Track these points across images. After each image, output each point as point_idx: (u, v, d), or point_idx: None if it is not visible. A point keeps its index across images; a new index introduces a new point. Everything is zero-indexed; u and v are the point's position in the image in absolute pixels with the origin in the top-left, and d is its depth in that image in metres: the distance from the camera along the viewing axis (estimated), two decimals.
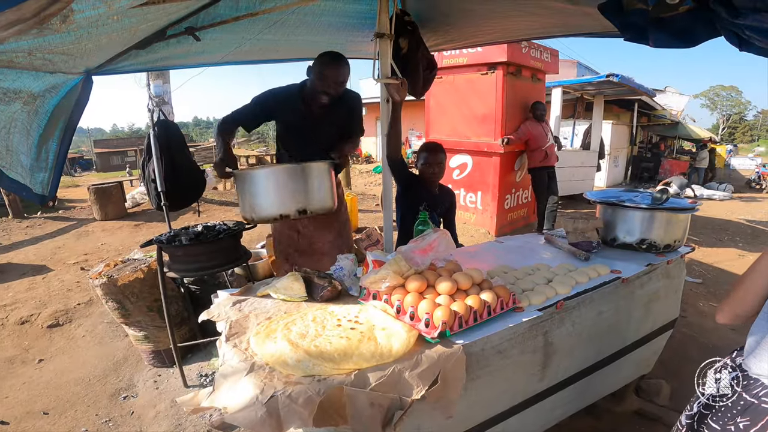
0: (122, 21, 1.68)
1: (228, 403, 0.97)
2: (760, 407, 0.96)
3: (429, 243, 1.32)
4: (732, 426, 1.00)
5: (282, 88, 2.38)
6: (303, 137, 2.37)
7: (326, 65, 2.12)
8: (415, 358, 1.09)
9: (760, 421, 0.95)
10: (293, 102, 2.30)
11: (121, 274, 2.65)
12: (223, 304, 1.41)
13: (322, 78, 2.11)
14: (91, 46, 1.82)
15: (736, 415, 1.00)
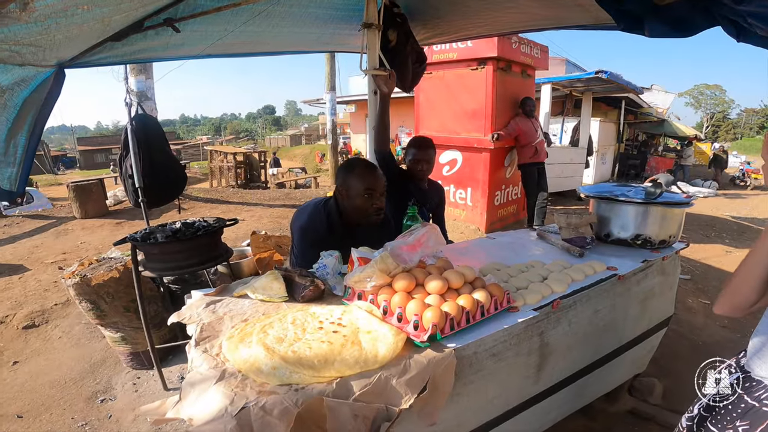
0: (93, 11, 1.60)
1: (194, 414, 0.87)
2: (761, 411, 0.92)
3: (417, 238, 1.23)
4: (731, 429, 0.95)
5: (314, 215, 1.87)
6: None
7: (369, 178, 1.75)
8: (403, 363, 1.00)
9: (759, 425, 0.90)
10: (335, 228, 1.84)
11: (95, 273, 2.54)
12: (195, 306, 1.30)
13: (371, 193, 1.73)
14: (61, 38, 1.73)
15: (735, 419, 0.95)
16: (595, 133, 10.03)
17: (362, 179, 1.73)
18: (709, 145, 18.58)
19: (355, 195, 1.74)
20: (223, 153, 10.78)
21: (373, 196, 1.73)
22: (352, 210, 1.79)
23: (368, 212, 1.76)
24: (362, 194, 1.72)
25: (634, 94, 10.48)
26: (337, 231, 1.82)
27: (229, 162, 10.25)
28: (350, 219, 1.84)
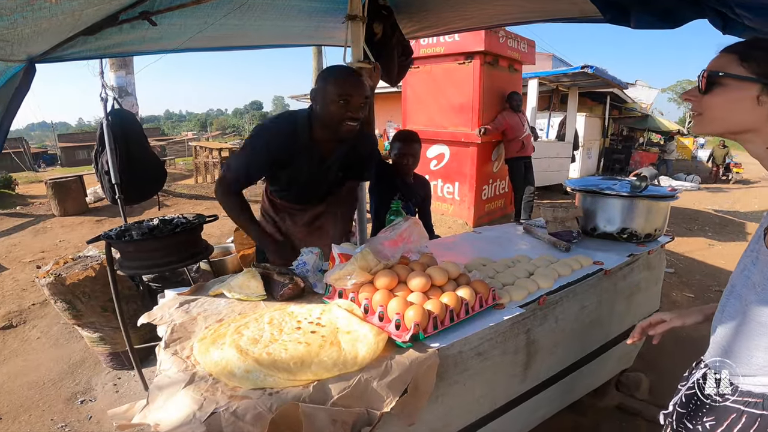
0: (62, 4, 1.53)
1: (161, 420, 0.82)
2: (725, 405, 0.90)
3: (399, 233, 1.18)
4: (699, 426, 0.94)
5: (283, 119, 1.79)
6: (307, 184, 1.87)
7: (347, 84, 1.59)
8: (384, 365, 0.96)
9: (725, 420, 0.89)
10: (301, 140, 1.71)
11: (69, 272, 2.46)
12: (168, 305, 1.24)
13: (347, 101, 1.57)
14: (29, 32, 1.65)
15: (703, 415, 0.94)
16: (581, 127, 10.12)
17: (339, 84, 1.57)
18: (691, 140, 18.86)
19: (330, 101, 1.57)
20: (208, 149, 10.58)
21: (348, 103, 1.56)
22: (324, 117, 1.63)
23: (341, 120, 1.58)
24: (337, 100, 1.56)
25: (618, 89, 10.58)
26: (301, 142, 1.69)
27: (215, 158, 10.07)
28: (321, 131, 1.69)
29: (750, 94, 0.79)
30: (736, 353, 0.91)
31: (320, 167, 1.78)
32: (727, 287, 0.98)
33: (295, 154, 1.71)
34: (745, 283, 0.90)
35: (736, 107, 0.82)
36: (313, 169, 1.78)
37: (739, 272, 0.95)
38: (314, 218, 2.04)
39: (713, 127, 0.88)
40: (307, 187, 1.89)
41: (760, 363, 0.86)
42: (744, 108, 0.81)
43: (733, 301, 0.94)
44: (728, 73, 0.81)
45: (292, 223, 2.02)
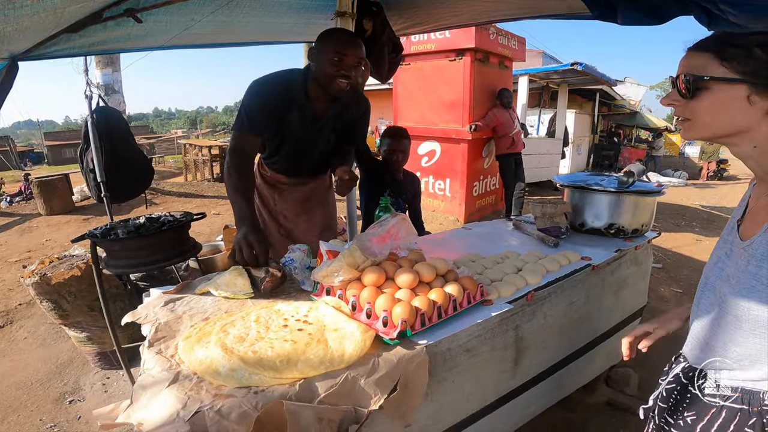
0: (44, 2, 1.50)
1: (144, 419, 0.81)
2: (703, 401, 0.90)
3: (387, 230, 1.18)
4: (681, 421, 0.94)
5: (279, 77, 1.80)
6: (296, 143, 1.88)
7: (342, 43, 1.63)
8: (371, 362, 0.95)
9: (705, 415, 0.89)
10: (295, 96, 1.74)
11: (55, 272, 2.43)
12: (152, 304, 1.22)
13: (341, 58, 1.60)
14: (11, 30, 1.63)
15: (684, 410, 0.94)
16: (570, 124, 10.19)
17: (334, 42, 1.63)
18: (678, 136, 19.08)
19: (324, 58, 1.62)
20: (198, 146, 10.48)
21: (342, 61, 1.60)
22: (318, 74, 1.67)
23: (333, 77, 1.62)
24: (331, 57, 1.61)
25: (607, 86, 10.66)
26: (295, 97, 1.74)
27: (205, 155, 9.98)
28: (315, 90, 1.73)
29: (740, 95, 0.77)
30: (712, 347, 0.90)
31: (312, 126, 1.82)
32: (702, 279, 0.98)
33: (289, 108, 1.75)
34: (719, 275, 0.90)
35: (728, 110, 0.79)
36: (305, 127, 1.80)
37: (712, 264, 0.95)
38: (304, 199, 2.12)
39: (705, 132, 0.84)
40: (298, 149, 1.91)
41: (735, 357, 0.85)
42: (735, 110, 0.78)
43: (707, 293, 0.93)
44: (714, 77, 0.77)
45: (281, 199, 2.10)
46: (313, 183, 2.15)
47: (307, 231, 2.15)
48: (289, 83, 1.74)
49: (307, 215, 2.16)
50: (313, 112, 1.79)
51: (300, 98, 1.74)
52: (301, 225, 2.17)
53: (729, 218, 0.98)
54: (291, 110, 1.75)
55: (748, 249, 0.82)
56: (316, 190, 2.18)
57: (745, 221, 0.89)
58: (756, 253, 0.80)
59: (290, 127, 1.80)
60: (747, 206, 0.92)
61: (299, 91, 1.74)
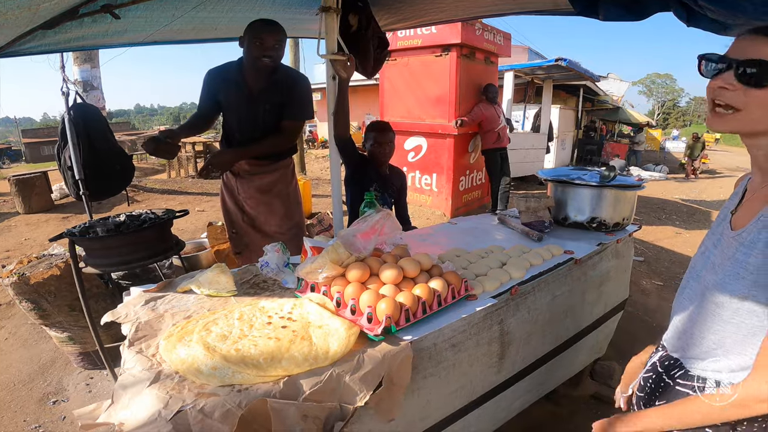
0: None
1: (125, 419, 0.79)
2: (675, 389, 0.91)
3: (372, 225, 1.17)
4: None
5: (222, 64, 2.22)
6: (241, 118, 2.22)
7: (261, 29, 1.99)
8: (356, 359, 0.95)
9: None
10: (233, 76, 2.14)
11: (33, 271, 2.37)
12: (133, 303, 1.20)
13: (261, 42, 1.98)
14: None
15: (656, 398, 0.96)
16: (555, 119, 10.28)
17: (254, 29, 1.99)
18: (660, 131, 19.46)
19: (248, 43, 2.00)
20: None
21: (262, 44, 1.97)
22: (246, 56, 2.07)
23: (257, 57, 2.00)
24: (253, 42, 1.98)
25: (591, 81, 10.78)
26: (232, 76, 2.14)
27: (188, 152, 9.80)
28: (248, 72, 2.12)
29: None
30: (689, 335, 0.91)
31: (249, 102, 2.15)
32: (688, 269, 0.98)
33: (227, 86, 2.15)
34: (705, 264, 0.90)
35: None
36: (243, 103, 2.16)
37: (700, 254, 0.95)
38: (264, 189, 2.34)
39: (749, 127, 0.77)
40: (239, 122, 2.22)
41: (709, 346, 0.86)
42: None
43: (692, 283, 0.94)
44: None
45: (243, 188, 2.35)
46: (272, 175, 2.35)
47: (268, 219, 2.38)
48: (227, 68, 2.18)
49: (267, 206, 2.37)
50: (249, 90, 2.14)
51: (237, 78, 2.12)
52: (262, 213, 2.38)
53: (709, 212, 0.99)
54: (229, 88, 2.15)
55: (738, 238, 0.82)
56: (276, 183, 2.37)
57: (738, 212, 0.89)
58: (745, 241, 0.79)
59: (230, 103, 2.18)
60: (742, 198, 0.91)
61: (236, 73, 2.13)
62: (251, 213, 2.39)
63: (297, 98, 2.23)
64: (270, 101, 2.18)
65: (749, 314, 0.78)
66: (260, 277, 1.40)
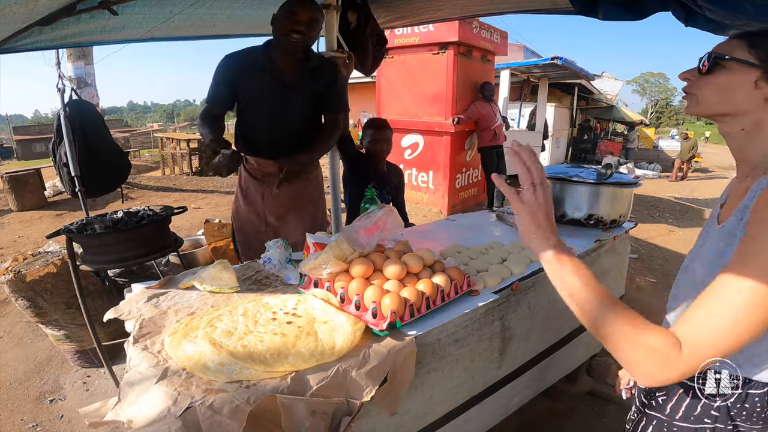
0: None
1: (134, 416, 0.79)
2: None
3: (375, 222, 1.18)
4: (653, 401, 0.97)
5: (241, 50, 1.96)
6: (268, 111, 1.93)
7: (295, 3, 1.78)
8: (362, 354, 0.95)
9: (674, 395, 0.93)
10: (258, 61, 1.88)
11: (29, 269, 2.35)
12: (135, 300, 1.19)
13: (294, 15, 1.76)
14: None
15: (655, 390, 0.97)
16: (550, 117, 10.34)
17: (289, 3, 1.79)
18: (653, 130, 19.61)
19: (279, 17, 1.80)
20: (175, 140, 10.23)
21: (294, 18, 1.76)
22: (276, 35, 1.84)
23: (286, 32, 1.78)
24: (285, 15, 1.78)
25: (586, 80, 10.84)
26: (257, 60, 1.89)
27: (183, 149, 9.75)
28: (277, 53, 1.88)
29: (750, 79, 0.80)
30: None
31: (281, 91, 1.91)
32: (683, 264, 1.01)
33: (251, 72, 1.88)
34: (696, 258, 0.94)
35: (734, 91, 0.82)
36: (274, 91, 1.91)
37: (693, 250, 0.99)
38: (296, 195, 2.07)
39: (706, 109, 0.87)
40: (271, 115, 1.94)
41: None
42: (741, 92, 0.81)
43: (684, 276, 0.97)
44: (733, 57, 0.80)
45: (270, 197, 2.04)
46: (309, 179, 2.12)
47: (294, 230, 2.08)
48: (250, 51, 1.92)
49: (298, 212, 2.11)
50: (280, 75, 1.89)
51: (263, 63, 1.88)
52: (290, 223, 2.10)
53: (701, 209, 1.01)
54: (254, 74, 1.88)
55: (722, 231, 0.85)
56: (308, 187, 2.13)
57: (724, 207, 0.93)
58: (726, 234, 0.83)
59: (255, 91, 1.91)
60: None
61: (261, 57, 1.88)
62: (275, 224, 2.11)
63: (340, 88, 2.05)
64: (305, 90, 1.94)
65: None
66: (262, 273, 1.40)
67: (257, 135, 2.00)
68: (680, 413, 0.91)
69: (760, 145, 0.82)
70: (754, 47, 0.79)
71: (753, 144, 0.83)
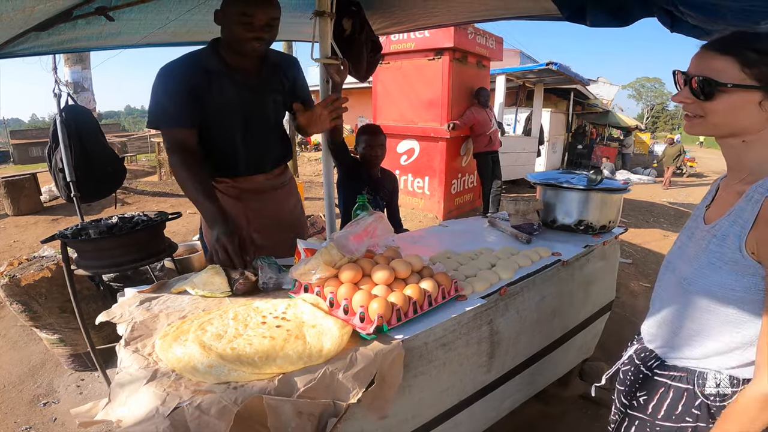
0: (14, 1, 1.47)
1: (123, 416, 0.81)
2: (653, 379, 0.95)
3: (364, 228, 1.20)
4: (635, 401, 0.99)
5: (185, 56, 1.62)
6: (243, 122, 1.69)
7: (251, 2, 1.47)
8: (349, 357, 0.97)
9: (655, 394, 0.94)
10: (211, 66, 1.59)
11: (24, 273, 2.37)
12: (128, 303, 1.21)
13: (248, 17, 1.46)
14: None
15: (636, 390, 0.99)
16: (546, 123, 10.39)
17: (239, 2, 1.46)
18: (648, 135, 19.72)
19: (231, 20, 1.49)
20: None
21: (251, 23, 1.47)
22: (229, 39, 1.55)
23: (245, 40, 1.50)
24: (237, 20, 1.47)
25: (581, 85, 10.92)
26: (212, 68, 1.58)
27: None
28: (232, 56, 1.60)
29: (754, 100, 0.79)
30: (667, 324, 0.95)
31: (248, 93, 1.67)
32: (664, 262, 1.03)
33: (208, 81, 1.58)
34: (680, 256, 0.96)
35: (740, 113, 0.81)
36: (240, 95, 1.64)
37: (676, 248, 1.01)
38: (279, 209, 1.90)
39: (713, 131, 0.87)
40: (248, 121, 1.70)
41: (688, 334, 0.90)
42: (745, 113, 0.81)
43: (668, 275, 0.99)
44: (737, 84, 0.79)
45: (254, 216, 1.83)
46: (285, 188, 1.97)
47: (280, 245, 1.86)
48: (198, 58, 1.60)
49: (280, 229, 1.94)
50: (244, 80, 1.64)
51: (219, 67, 1.59)
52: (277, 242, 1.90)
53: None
54: (211, 83, 1.58)
55: (712, 230, 0.87)
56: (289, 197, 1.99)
57: (711, 207, 0.95)
58: (717, 234, 0.85)
59: (220, 100, 1.62)
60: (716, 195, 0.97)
61: (215, 62, 1.59)
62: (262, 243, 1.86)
63: (302, 80, 1.89)
64: (277, 90, 1.76)
65: (725, 302, 0.83)
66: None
67: (234, 151, 1.73)
68: (662, 413, 0.93)
69: (756, 153, 0.84)
70: (749, 65, 0.78)
71: (751, 153, 0.85)
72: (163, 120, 1.56)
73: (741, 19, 1.33)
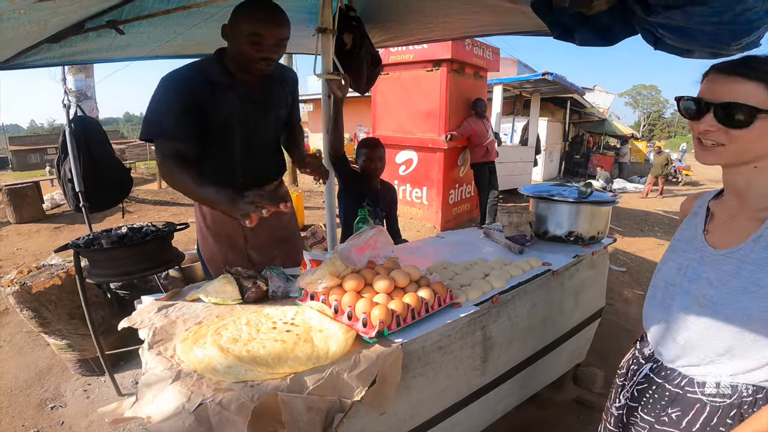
0: (30, 15, 1.54)
1: (152, 413, 0.90)
2: (687, 397, 0.96)
3: (366, 241, 1.31)
4: (665, 417, 0.99)
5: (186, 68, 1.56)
6: (247, 136, 1.66)
7: (261, 22, 1.43)
8: (353, 358, 1.07)
9: (690, 410, 0.96)
10: (215, 78, 1.55)
11: (35, 281, 2.45)
12: (146, 311, 1.31)
13: (258, 37, 1.43)
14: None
15: (665, 407, 1.00)
16: (543, 132, 10.52)
17: (249, 20, 1.42)
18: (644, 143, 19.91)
19: (240, 38, 1.45)
20: None
21: (261, 43, 1.44)
22: (235, 56, 1.52)
23: (252, 61, 1.48)
24: (246, 39, 1.43)
25: (577, 94, 11.08)
26: (216, 79, 1.55)
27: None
28: (238, 71, 1.57)
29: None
30: (694, 346, 0.94)
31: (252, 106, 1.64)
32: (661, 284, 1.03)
33: (212, 92, 1.54)
34: (696, 280, 0.94)
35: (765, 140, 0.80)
36: (244, 107, 1.61)
37: (676, 270, 0.99)
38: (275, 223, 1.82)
39: (735, 159, 0.84)
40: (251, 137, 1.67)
41: (720, 352, 0.91)
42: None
43: (680, 298, 0.97)
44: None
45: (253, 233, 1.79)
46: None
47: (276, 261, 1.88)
48: (202, 68, 1.56)
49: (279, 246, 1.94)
50: (248, 93, 1.61)
51: (223, 79, 1.55)
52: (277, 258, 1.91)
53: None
54: (215, 95, 1.54)
55: (735, 255, 0.87)
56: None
57: (713, 231, 0.95)
58: (748, 259, 0.85)
59: (222, 113, 1.58)
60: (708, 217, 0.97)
61: (219, 73, 1.55)
62: (258, 259, 1.87)
63: (297, 97, 1.90)
64: (280, 105, 1.75)
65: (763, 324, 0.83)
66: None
67: (234, 164, 1.69)
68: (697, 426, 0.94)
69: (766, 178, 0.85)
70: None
71: (761, 178, 0.85)
72: (156, 132, 1.50)
73: (713, 41, 1.43)
